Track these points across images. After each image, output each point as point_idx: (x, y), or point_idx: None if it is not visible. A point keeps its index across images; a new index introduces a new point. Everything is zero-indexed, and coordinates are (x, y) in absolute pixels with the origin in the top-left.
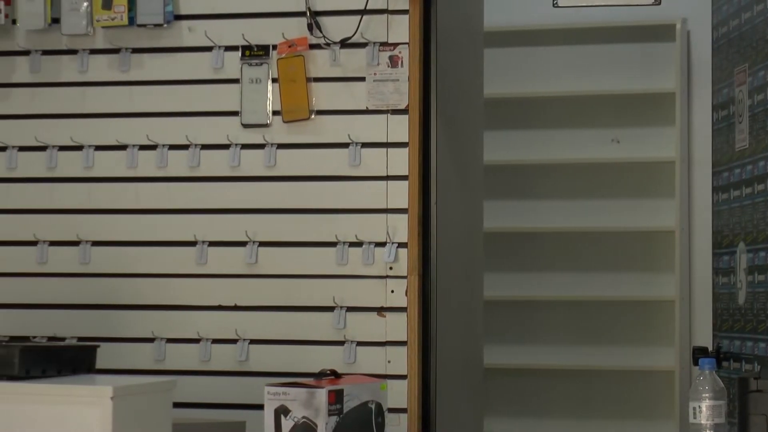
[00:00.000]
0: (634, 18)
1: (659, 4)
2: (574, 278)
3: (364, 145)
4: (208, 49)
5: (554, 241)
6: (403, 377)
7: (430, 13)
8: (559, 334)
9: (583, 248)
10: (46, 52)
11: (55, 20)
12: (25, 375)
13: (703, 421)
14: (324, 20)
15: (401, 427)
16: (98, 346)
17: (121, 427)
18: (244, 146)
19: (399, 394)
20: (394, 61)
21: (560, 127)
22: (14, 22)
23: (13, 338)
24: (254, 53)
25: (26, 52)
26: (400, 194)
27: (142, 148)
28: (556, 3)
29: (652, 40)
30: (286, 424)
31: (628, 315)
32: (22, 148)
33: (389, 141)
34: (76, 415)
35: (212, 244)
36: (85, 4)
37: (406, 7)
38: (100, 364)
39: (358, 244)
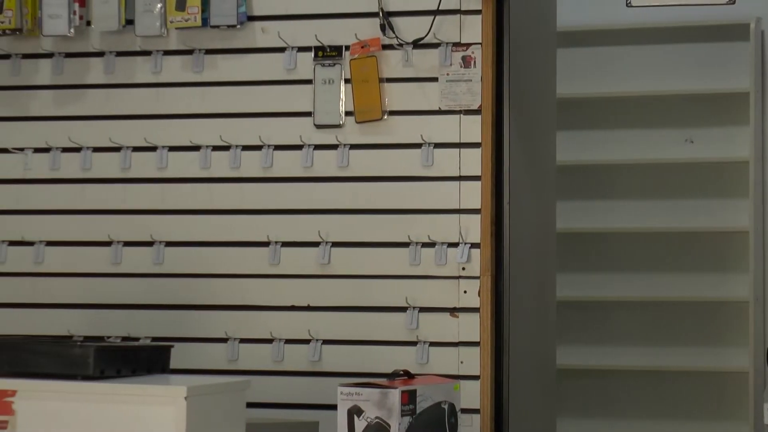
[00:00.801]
0: (708, 18)
1: (733, 3)
2: (647, 279)
3: (437, 145)
4: (281, 50)
5: (627, 241)
6: (475, 378)
7: (503, 13)
8: (632, 335)
9: (657, 249)
10: (120, 54)
11: (129, 22)
12: (100, 375)
13: None
14: (397, 21)
15: (474, 427)
16: (172, 346)
17: (194, 426)
18: (317, 147)
19: (471, 395)
20: (466, 62)
21: (634, 127)
22: (89, 23)
23: (87, 338)
24: (327, 54)
25: (100, 54)
26: (473, 194)
27: (216, 148)
28: (630, 3)
29: (725, 40)
30: (359, 424)
31: (701, 316)
32: (96, 149)
33: (462, 141)
34: (150, 415)
35: (285, 244)
36: (159, 5)
37: (479, 7)
38: (173, 364)
39: (431, 244)
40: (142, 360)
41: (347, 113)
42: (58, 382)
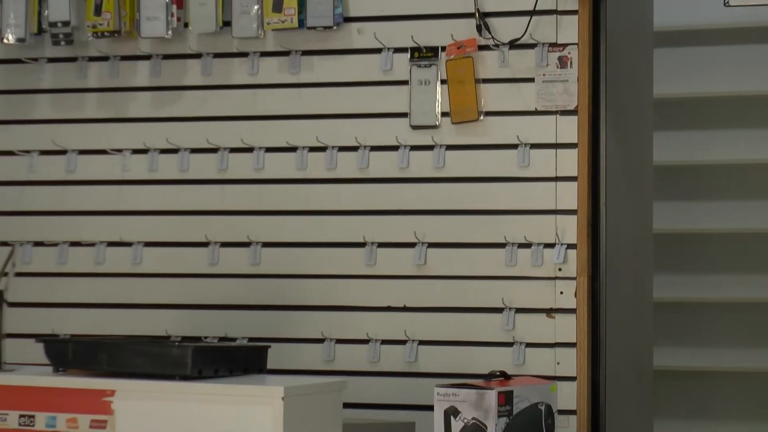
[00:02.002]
0: None
1: None
2: (745, 279)
3: (533, 146)
4: (377, 50)
5: (725, 242)
6: (572, 379)
7: (600, 13)
8: (731, 336)
9: (755, 249)
10: (217, 55)
11: (227, 23)
12: (198, 375)
13: None
14: (493, 21)
15: (570, 428)
16: (269, 347)
17: (291, 427)
18: (413, 147)
19: (568, 396)
20: (563, 62)
21: (732, 128)
22: (186, 25)
23: (185, 338)
24: (423, 55)
25: (198, 55)
26: (569, 195)
27: (312, 149)
28: (727, 2)
29: None
30: (456, 425)
31: None
32: (193, 150)
33: (558, 142)
34: (247, 415)
35: (381, 245)
36: (256, 7)
37: (576, 8)
38: (270, 364)
39: (527, 245)
40: (239, 360)
41: (443, 114)
42: (156, 382)
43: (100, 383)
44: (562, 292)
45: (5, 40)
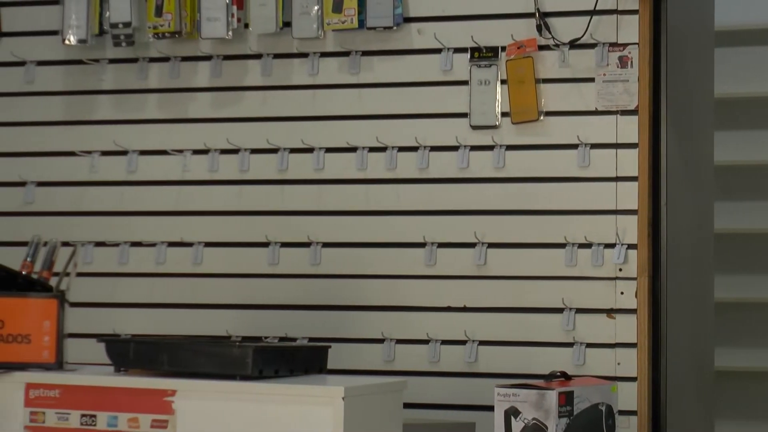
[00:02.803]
0: None
1: None
2: None
3: (593, 146)
4: (437, 51)
5: None
6: (632, 379)
7: (660, 12)
8: None
9: None
10: (277, 56)
11: (287, 24)
12: (259, 375)
13: None
14: (553, 21)
15: (631, 429)
16: (329, 347)
17: (352, 426)
18: (473, 148)
19: (628, 397)
20: (623, 62)
21: None
22: (246, 26)
23: (245, 338)
24: (483, 55)
25: (258, 56)
26: (630, 195)
27: (372, 150)
28: None
29: None
30: (516, 425)
31: None
32: (254, 151)
33: (618, 142)
34: (307, 415)
35: (441, 245)
36: (316, 7)
37: (636, 7)
38: (330, 364)
39: (587, 245)
40: (299, 360)
41: (503, 114)
42: (217, 382)
43: (162, 383)
44: (622, 293)
45: (67, 42)
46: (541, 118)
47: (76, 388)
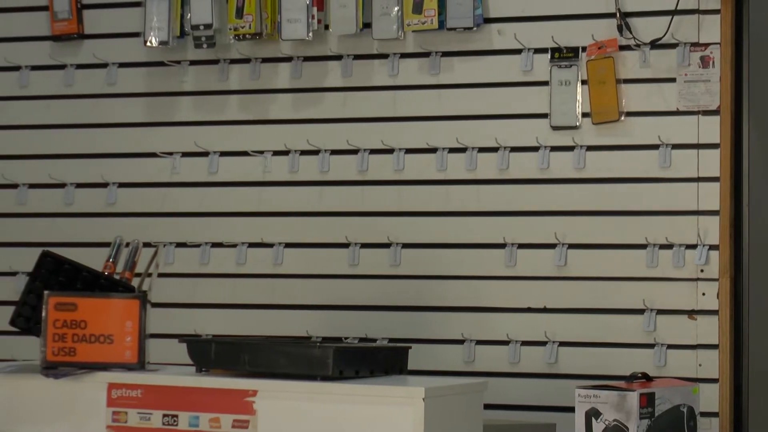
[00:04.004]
0: None
1: None
2: None
3: (675, 146)
4: (517, 51)
5: None
6: (714, 381)
7: (742, 12)
8: None
9: None
10: (357, 57)
11: (367, 25)
12: (339, 375)
13: None
14: (633, 21)
15: (712, 431)
16: (410, 347)
17: (432, 427)
18: (554, 148)
19: (710, 398)
20: (705, 62)
21: None
22: (327, 27)
23: (325, 339)
24: (564, 55)
25: (338, 57)
26: (712, 196)
27: (452, 150)
28: None
29: None
30: (597, 426)
31: None
32: (334, 152)
33: (700, 142)
34: (388, 416)
35: (521, 246)
36: (396, 8)
37: (718, 7)
38: (410, 365)
39: (669, 246)
40: (380, 361)
41: (584, 114)
42: (297, 383)
43: (243, 383)
44: (704, 294)
45: (148, 44)
46: (622, 118)
47: (158, 388)
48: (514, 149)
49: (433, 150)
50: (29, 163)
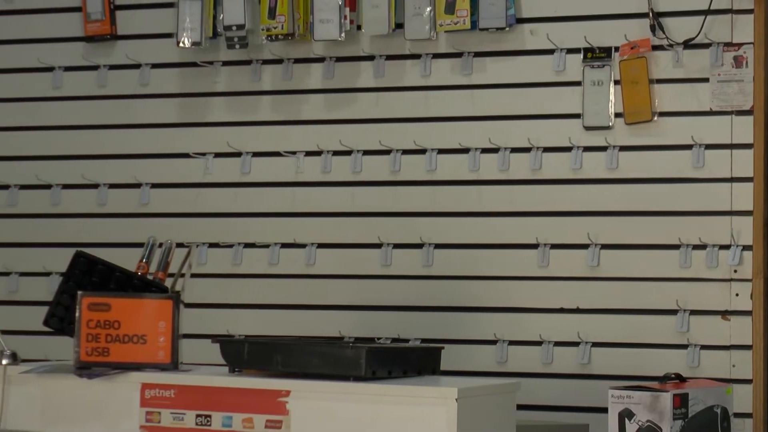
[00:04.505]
0: None
1: None
2: None
3: (708, 146)
4: (550, 51)
5: None
6: (748, 381)
7: None
8: None
9: None
10: (389, 57)
11: (399, 25)
12: (372, 376)
13: None
14: (666, 21)
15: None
16: (443, 348)
17: (465, 428)
18: (586, 148)
19: (744, 399)
20: (738, 62)
21: None
22: (359, 27)
23: (358, 339)
24: (596, 55)
25: (371, 57)
26: (745, 196)
27: (484, 151)
28: None
29: None
30: (630, 427)
31: None
32: (366, 152)
33: (733, 142)
34: (421, 416)
35: (554, 246)
36: (429, 9)
37: (751, 7)
38: (443, 365)
39: (702, 246)
40: (412, 361)
41: (616, 115)
42: (330, 383)
43: (276, 383)
44: (737, 294)
45: (181, 44)
46: (655, 118)
47: (191, 388)
48: (546, 149)
49: (466, 150)
50: (63, 164)
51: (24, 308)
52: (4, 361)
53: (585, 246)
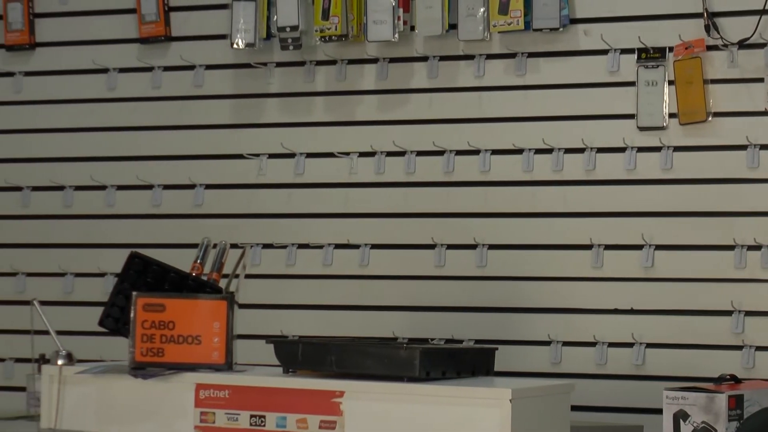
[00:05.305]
0: None
1: None
2: None
3: (763, 147)
4: (604, 52)
5: None
6: None
7: None
8: None
9: None
10: (443, 58)
11: (452, 26)
12: (426, 377)
13: None
14: (721, 21)
15: None
16: (497, 349)
17: (519, 429)
18: (640, 149)
19: None
20: None
21: None
22: (413, 28)
23: (412, 340)
24: (650, 56)
25: (424, 58)
26: None
27: (538, 151)
28: None
29: None
30: (685, 428)
31: None
32: (419, 153)
33: None
34: (474, 417)
35: (608, 247)
36: (482, 9)
37: None
38: (496, 366)
39: (757, 247)
40: (466, 362)
41: (671, 115)
42: (384, 383)
43: (330, 384)
44: None
45: (235, 45)
46: (710, 119)
47: (246, 388)
48: (600, 150)
49: (519, 151)
50: (117, 165)
51: (79, 309)
52: (59, 362)
53: (639, 247)
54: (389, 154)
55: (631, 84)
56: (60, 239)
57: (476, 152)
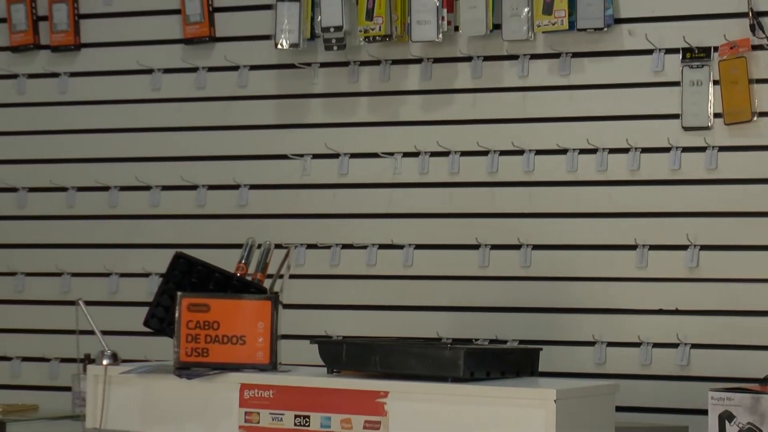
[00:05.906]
0: None
1: None
2: None
3: None
4: (648, 52)
5: None
6: None
7: None
8: None
9: None
10: (487, 58)
11: (496, 26)
12: (470, 377)
13: None
14: (766, 20)
15: None
16: (541, 349)
17: (564, 429)
18: (685, 149)
19: None
20: None
21: None
22: (456, 29)
23: (456, 340)
24: (695, 55)
25: (468, 59)
26: None
27: (582, 151)
28: None
29: None
30: (731, 429)
31: None
32: (464, 153)
33: None
34: (519, 417)
35: (653, 247)
36: (526, 9)
37: None
38: (541, 366)
39: None
40: (511, 362)
41: (716, 115)
42: (428, 384)
43: (374, 384)
44: None
45: (279, 46)
46: (755, 118)
47: (290, 389)
48: (645, 150)
49: (564, 151)
50: (162, 165)
51: (124, 309)
52: (104, 362)
53: (684, 247)
54: (433, 154)
55: (676, 84)
56: (105, 239)
57: (520, 152)
